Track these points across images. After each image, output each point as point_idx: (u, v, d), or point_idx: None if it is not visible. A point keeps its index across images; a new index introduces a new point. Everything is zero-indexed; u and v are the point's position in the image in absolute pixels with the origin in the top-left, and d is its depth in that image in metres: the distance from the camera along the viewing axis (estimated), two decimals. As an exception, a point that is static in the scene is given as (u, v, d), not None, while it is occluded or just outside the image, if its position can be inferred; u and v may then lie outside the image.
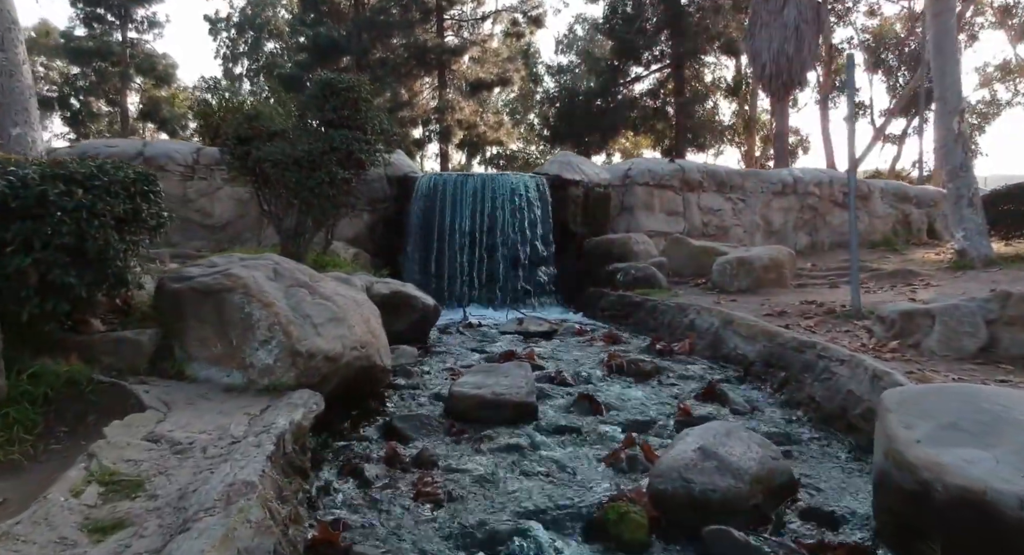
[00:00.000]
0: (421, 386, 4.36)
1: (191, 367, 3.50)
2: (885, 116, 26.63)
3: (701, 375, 4.70)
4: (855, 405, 3.41)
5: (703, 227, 10.70)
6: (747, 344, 4.76)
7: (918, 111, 25.80)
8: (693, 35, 22.58)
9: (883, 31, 26.36)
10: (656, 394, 4.24)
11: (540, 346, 5.81)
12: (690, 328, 5.66)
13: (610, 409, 3.90)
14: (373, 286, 5.39)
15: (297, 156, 5.58)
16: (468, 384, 3.86)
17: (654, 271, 7.80)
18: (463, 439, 3.44)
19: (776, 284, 7.11)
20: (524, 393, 3.80)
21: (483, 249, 8.90)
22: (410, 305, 5.64)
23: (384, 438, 3.45)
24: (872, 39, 26.50)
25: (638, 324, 6.63)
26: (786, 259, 7.27)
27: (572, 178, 9.64)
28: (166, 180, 8.98)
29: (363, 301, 4.08)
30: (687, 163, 11.10)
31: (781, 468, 2.72)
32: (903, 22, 26.55)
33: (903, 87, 25.73)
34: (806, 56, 19.10)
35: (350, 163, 5.98)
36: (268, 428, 2.73)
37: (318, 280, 3.97)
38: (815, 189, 11.80)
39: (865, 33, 26.97)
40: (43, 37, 30.34)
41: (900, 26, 26.63)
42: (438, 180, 9.23)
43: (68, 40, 27.99)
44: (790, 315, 5.57)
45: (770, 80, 19.09)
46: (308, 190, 5.66)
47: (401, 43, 22.88)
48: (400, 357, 4.85)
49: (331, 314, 3.64)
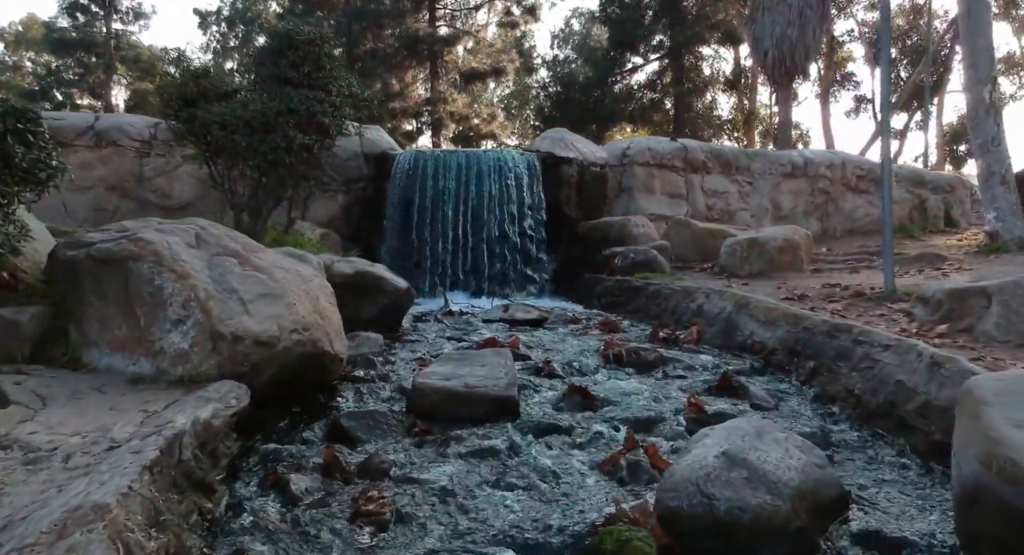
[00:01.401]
0: (383, 378, 3.76)
1: (89, 353, 2.89)
2: None
3: (713, 366, 4.13)
4: (907, 399, 2.83)
5: (707, 211, 10.12)
6: (766, 330, 4.18)
7: (921, 105, 25.59)
8: (692, 23, 22.19)
9: None
10: (661, 387, 3.65)
11: (527, 334, 5.22)
12: (698, 314, 5.09)
13: (607, 404, 3.32)
14: (334, 265, 4.79)
15: (248, 117, 4.98)
16: (436, 374, 3.27)
17: (655, 255, 7.22)
18: (426, 441, 2.85)
19: (791, 268, 6.54)
20: (503, 385, 3.21)
21: (468, 232, 8.31)
22: (378, 288, 5.05)
23: (328, 440, 2.85)
24: (872, 32, 26.22)
25: (638, 311, 6.05)
26: (802, 241, 6.71)
27: (566, 156, 9.05)
28: (120, 157, 8.38)
29: (310, 276, 3.48)
30: (690, 142, 10.53)
31: (828, 479, 2.14)
32: (904, 15, 26.27)
33: (905, 81, 25.43)
34: (810, 41, 18.72)
35: (311, 128, 5.37)
36: (160, 429, 2.14)
37: (255, 250, 3.37)
38: (826, 172, 11.24)
39: (864, 26, 26.64)
40: (30, 31, 29.77)
41: (901, 19, 26.33)
42: (419, 157, 8.63)
43: (51, 31, 27.35)
44: (812, 299, 5.00)
45: (773, 67, 18.74)
46: (261, 156, 5.05)
47: (392, 33, 22.42)
48: (362, 345, 4.25)
49: (265, 289, 3.04)
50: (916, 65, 24.43)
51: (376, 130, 9.49)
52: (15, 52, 30.88)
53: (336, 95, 5.60)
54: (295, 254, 4.19)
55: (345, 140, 8.80)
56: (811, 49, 19.00)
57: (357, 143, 9.00)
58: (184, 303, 2.82)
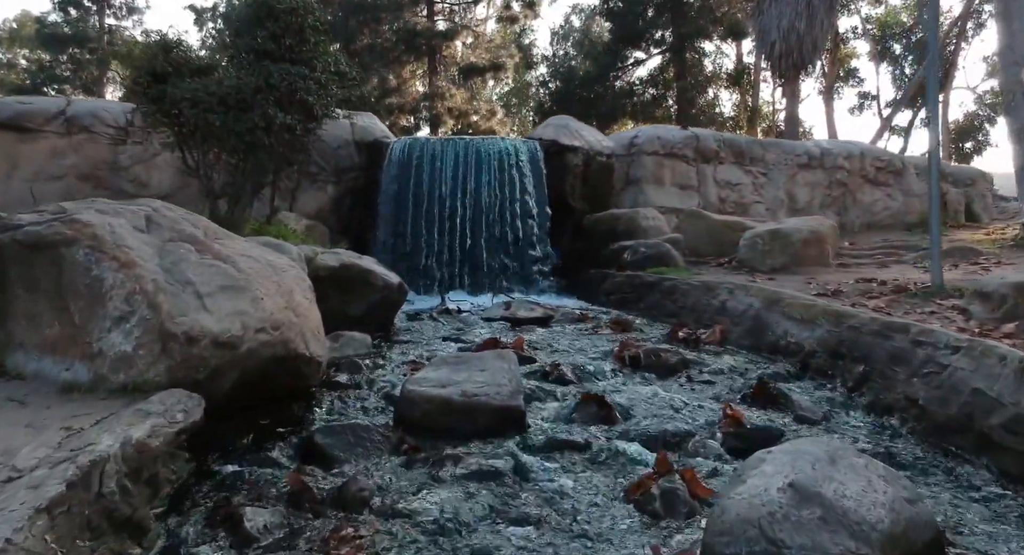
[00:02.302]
0: (369, 384, 3.33)
1: (14, 357, 2.47)
2: (892, 107, 26.09)
3: (743, 369, 3.71)
4: (989, 411, 2.41)
5: (720, 203, 9.69)
6: (803, 329, 3.76)
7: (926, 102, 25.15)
8: (695, 17, 21.86)
9: (888, 19, 25.88)
10: (688, 395, 3.23)
11: (531, 334, 4.80)
12: (721, 312, 4.66)
13: (627, 416, 2.90)
14: (317, 257, 4.37)
15: (222, 94, 4.55)
16: (429, 381, 2.85)
17: (668, 248, 6.80)
18: (416, 461, 2.43)
19: (816, 262, 6.12)
20: (507, 393, 2.79)
21: (466, 225, 7.88)
22: (367, 282, 4.62)
23: (299, 460, 2.43)
24: (876, 27, 25.98)
25: (652, 308, 5.63)
26: (828, 232, 6.28)
27: (571, 144, 8.61)
28: (94, 144, 7.94)
29: (284, 268, 3.06)
30: (702, 131, 10.10)
31: (922, 518, 1.72)
32: (908, 11, 26.07)
33: (909, 77, 25.18)
34: (818, 34, 18.38)
35: (293, 107, 4.94)
36: (76, 454, 1.71)
37: (218, 237, 2.94)
38: (844, 163, 10.81)
39: (868, 23, 26.40)
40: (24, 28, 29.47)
41: (906, 15, 26.12)
42: (414, 145, 8.19)
43: (43, 26, 26.99)
44: (847, 295, 4.59)
45: (779, 60, 18.40)
46: (237, 137, 4.62)
47: (390, 28, 22.19)
48: (346, 346, 3.83)
49: (227, 281, 2.62)
50: (921, 62, 24.19)
51: (368, 117, 9.06)
52: (9, 49, 30.55)
53: (321, 71, 5.17)
54: (271, 243, 3.77)
55: (335, 127, 8.39)
56: (819, 41, 18.67)
57: (348, 130, 8.58)
58: (128, 297, 2.39)
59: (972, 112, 28.07)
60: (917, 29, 25.44)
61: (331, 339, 3.79)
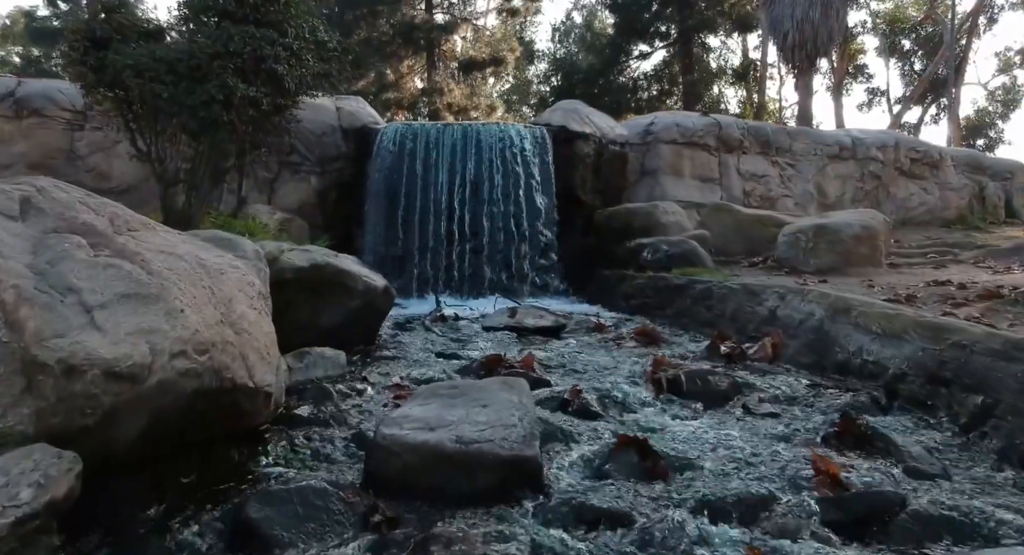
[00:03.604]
0: (338, 419, 2.65)
1: None
2: (903, 103, 25.73)
3: (810, 397, 3.02)
4: None
5: (744, 197, 9.02)
6: (886, 346, 3.07)
7: (936, 98, 24.85)
8: (703, 8, 21.37)
9: (897, 14, 25.59)
10: (750, 434, 2.55)
11: (542, 348, 4.12)
12: (769, 321, 3.98)
13: (680, 467, 2.21)
14: (283, 255, 3.68)
15: (171, 60, 3.87)
16: (412, 421, 2.16)
17: (694, 246, 6.12)
18: (392, 542, 1.75)
19: (868, 262, 5.43)
20: (518, 438, 2.10)
21: (464, 221, 7.21)
22: (344, 286, 3.94)
23: (225, 544, 1.75)
24: (885, 22, 25.63)
25: (681, 316, 4.94)
26: (881, 228, 5.59)
27: (581, 131, 7.94)
28: (46, 130, 7.27)
29: (223, 269, 2.37)
30: (724, 118, 9.43)
31: None
32: (917, 5, 25.69)
33: (918, 72, 24.77)
34: (833, 24, 18.08)
35: (260, 78, 4.26)
36: None
37: (133, 228, 2.26)
38: (878, 154, 10.13)
39: (877, 18, 26.05)
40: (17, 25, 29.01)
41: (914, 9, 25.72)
42: (406, 132, 7.52)
43: (32, 20, 26.40)
44: (924, 301, 3.90)
45: (792, 51, 18.16)
46: (189, 112, 3.94)
47: (387, 21, 21.85)
48: (314, 367, 3.14)
49: (131, 287, 1.93)
50: (931, 57, 24.05)
51: (356, 100, 8.40)
52: (2, 46, 30.04)
53: (294, 38, 4.49)
54: (219, 239, 3.08)
55: (319, 111, 7.73)
56: (834, 32, 18.36)
57: (334, 115, 7.91)
58: (-23, 311, 1.70)
59: (983, 108, 27.66)
60: (927, 23, 25.05)
61: (294, 358, 3.11)
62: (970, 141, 27.81)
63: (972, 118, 27.26)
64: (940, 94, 25.06)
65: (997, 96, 27.52)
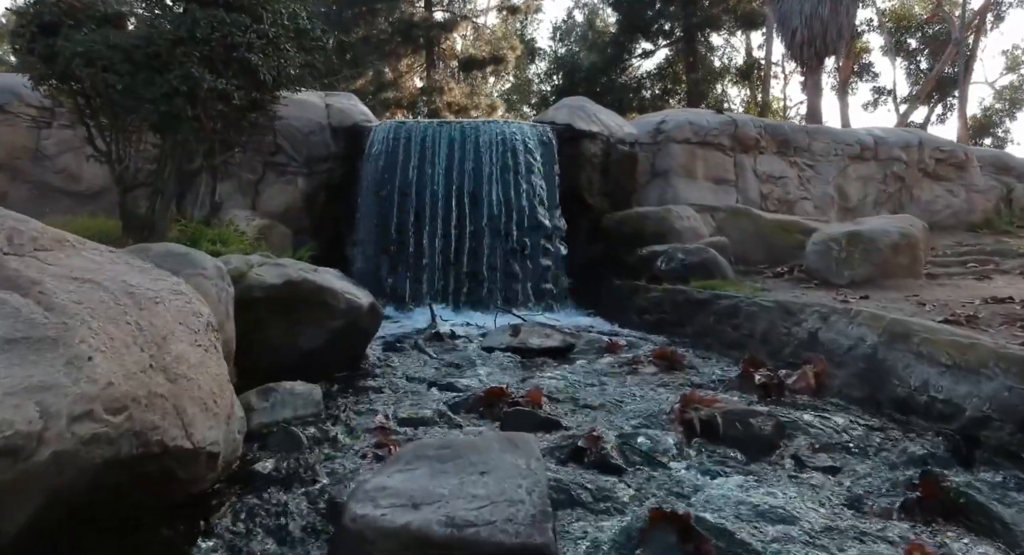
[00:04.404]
0: (305, 478, 2.20)
1: None
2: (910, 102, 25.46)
3: (871, 443, 2.57)
4: None
5: (761, 200, 8.57)
6: (959, 381, 2.63)
7: (943, 97, 24.59)
8: (707, 6, 21.07)
9: (903, 12, 25.37)
10: (810, 499, 2.10)
11: (549, 375, 3.67)
12: (809, 345, 3.54)
13: (729, 551, 1.76)
14: (252, 271, 3.24)
15: (127, 47, 3.43)
16: (390, 495, 1.72)
17: (713, 255, 5.68)
18: None
19: (908, 273, 4.99)
20: (526, 520, 1.66)
21: (463, 226, 6.77)
22: (323, 305, 3.50)
23: None
24: (891, 21, 25.40)
25: (703, 335, 4.50)
26: (921, 236, 5.14)
27: (588, 130, 7.50)
28: (10, 127, 6.84)
29: (159, 296, 1.93)
30: (740, 115, 9.01)
31: None
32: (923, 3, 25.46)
33: (924, 71, 24.48)
34: (843, 20, 17.86)
35: (231, 69, 3.83)
36: None
37: (41, 247, 1.82)
38: (901, 154, 9.69)
39: (883, 16, 25.80)
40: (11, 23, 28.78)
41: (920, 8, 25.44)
42: (400, 130, 7.08)
43: None
44: (986, 321, 3.46)
45: (801, 48, 17.99)
46: (149, 106, 3.50)
47: (385, 19, 21.63)
48: (281, 407, 2.69)
49: (16, 330, 1.49)
50: (936, 56, 23.87)
51: (347, 97, 7.97)
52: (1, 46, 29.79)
53: (271, 24, 4.05)
54: (172, 255, 2.64)
55: (306, 108, 7.30)
56: (844, 28, 18.17)
57: (322, 113, 7.48)
58: None
59: (990, 107, 27.42)
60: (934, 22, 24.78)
61: (258, 396, 2.67)
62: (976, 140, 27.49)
63: (979, 117, 27.02)
64: (946, 93, 24.81)
65: (1005, 95, 27.36)
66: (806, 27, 17.38)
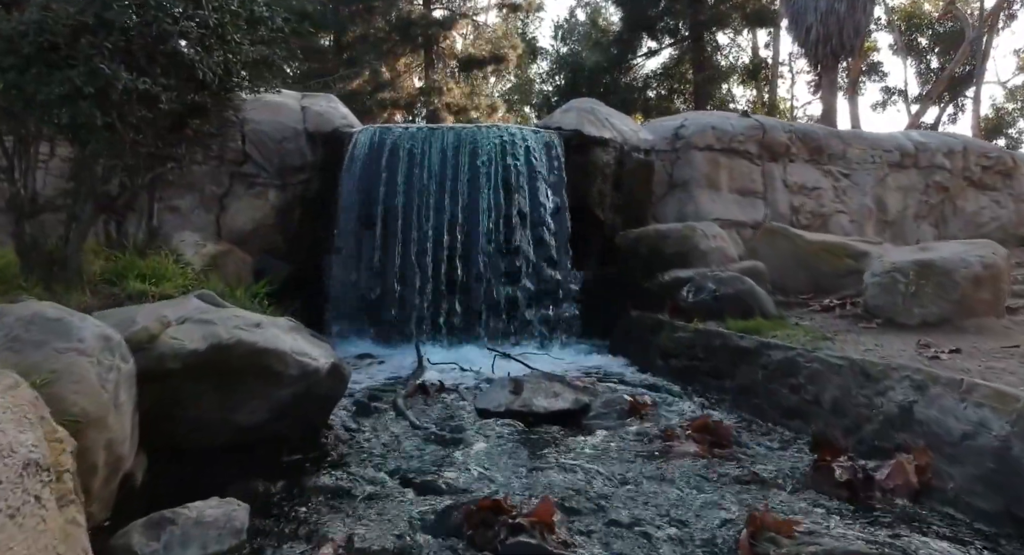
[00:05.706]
0: None
1: None
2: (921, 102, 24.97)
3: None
4: None
5: (792, 214, 7.80)
6: None
7: (954, 97, 24.22)
8: (715, 2, 20.55)
9: (913, 10, 24.93)
10: None
11: (561, 460, 2.89)
12: (901, 423, 2.76)
13: None
14: (165, 333, 2.47)
15: (10, 35, 2.68)
16: None
17: (751, 286, 4.91)
18: None
19: (990, 310, 4.21)
20: None
21: (457, 247, 6.00)
22: (267, 371, 2.73)
23: None
24: (901, 19, 24.94)
25: (749, 394, 3.71)
26: (1004, 265, 4.37)
27: (599, 136, 6.74)
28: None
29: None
30: (768, 119, 8.25)
31: None
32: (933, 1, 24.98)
33: (935, 71, 24.02)
34: (860, 17, 17.51)
35: (157, 65, 3.07)
36: None
37: None
38: (944, 161, 8.92)
39: (893, 14, 25.39)
40: None
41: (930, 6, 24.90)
42: (385, 136, 6.33)
43: None
44: None
45: (816, 47, 17.71)
46: (41, 110, 2.75)
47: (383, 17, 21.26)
48: (181, 546, 1.89)
49: None
50: (948, 54, 23.42)
51: (326, 99, 7.21)
52: None
53: (215, 10, 3.29)
54: (41, 320, 1.88)
55: (278, 112, 6.54)
56: (861, 26, 17.84)
57: (298, 116, 6.72)
58: None
59: (1002, 106, 26.99)
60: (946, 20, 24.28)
61: (143, 532, 1.89)
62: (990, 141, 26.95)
63: (991, 117, 26.53)
64: (957, 93, 24.20)
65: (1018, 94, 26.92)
66: (822, 24, 16.96)
